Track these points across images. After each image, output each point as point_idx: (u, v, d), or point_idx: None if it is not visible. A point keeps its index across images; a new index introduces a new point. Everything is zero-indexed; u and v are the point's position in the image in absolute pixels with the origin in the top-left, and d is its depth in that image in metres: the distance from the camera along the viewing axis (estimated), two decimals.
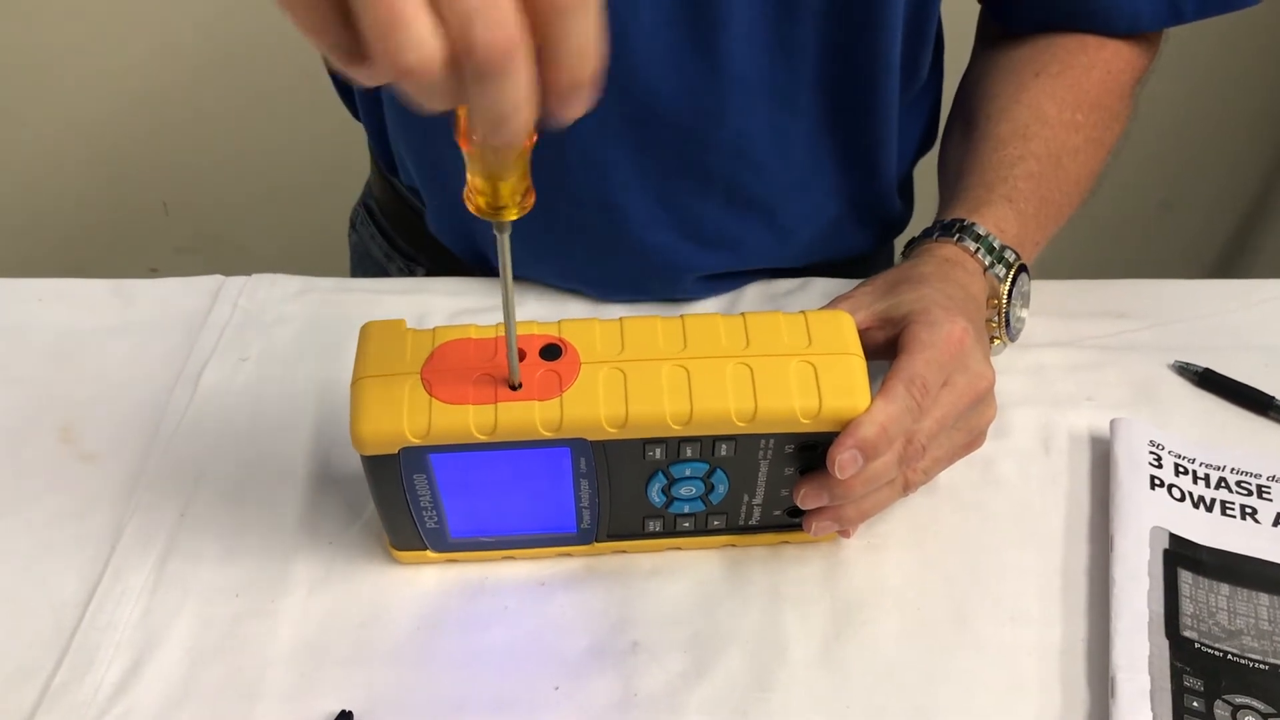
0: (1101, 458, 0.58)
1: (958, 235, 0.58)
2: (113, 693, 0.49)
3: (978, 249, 0.58)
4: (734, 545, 0.55)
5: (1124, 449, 0.57)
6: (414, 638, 0.51)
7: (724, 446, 0.48)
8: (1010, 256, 0.58)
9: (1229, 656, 0.48)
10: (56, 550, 0.55)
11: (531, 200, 0.39)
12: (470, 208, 0.40)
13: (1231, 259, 1.66)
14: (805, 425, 0.47)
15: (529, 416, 0.46)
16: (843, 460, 0.47)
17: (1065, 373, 0.63)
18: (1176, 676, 0.48)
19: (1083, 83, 0.65)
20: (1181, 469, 0.56)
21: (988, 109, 0.66)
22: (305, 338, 0.66)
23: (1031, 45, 0.67)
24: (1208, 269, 1.68)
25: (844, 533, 0.54)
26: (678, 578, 0.53)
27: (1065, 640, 0.51)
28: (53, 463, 0.59)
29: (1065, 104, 0.64)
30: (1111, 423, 0.58)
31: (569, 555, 0.54)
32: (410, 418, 0.45)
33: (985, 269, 0.58)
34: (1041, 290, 0.68)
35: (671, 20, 0.59)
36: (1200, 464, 0.56)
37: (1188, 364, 0.62)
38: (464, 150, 0.37)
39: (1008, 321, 0.59)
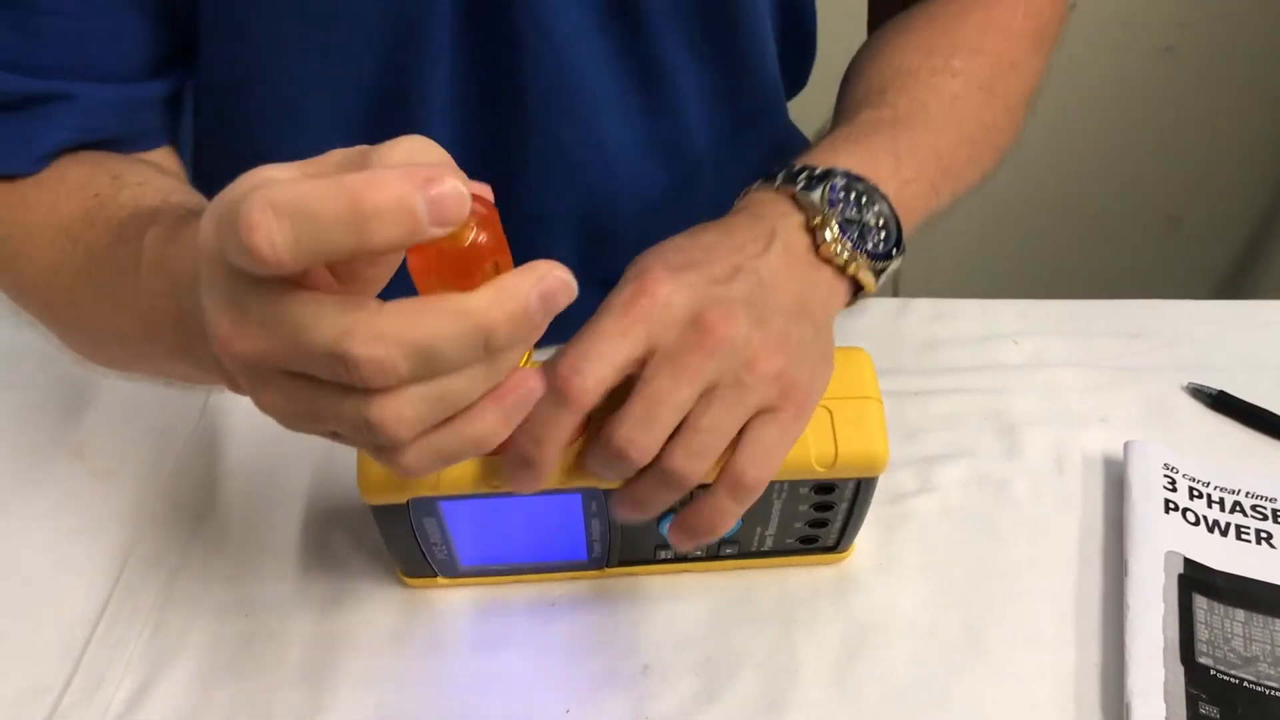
0: (1115, 480, 0.58)
1: (761, 181, 0.49)
2: (123, 711, 0.49)
3: (780, 178, 0.48)
4: (746, 568, 0.54)
5: (1138, 472, 0.56)
6: (424, 659, 0.51)
7: None
8: (823, 172, 0.47)
9: (1245, 684, 0.48)
10: (67, 567, 0.55)
11: None
12: None
13: (1242, 275, 1.65)
14: (821, 474, 0.46)
15: None
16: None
17: (1079, 393, 0.63)
18: (1192, 703, 0.47)
19: (958, 28, 0.58)
20: (1196, 493, 0.56)
21: (847, 80, 0.59)
22: None
23: (903, 11, 0.62)
24: (1217, 285, 1.67)
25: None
26: (689, 600, 0.53)
27: (1079, 665, 0.51)
28: (65, 479, 0.59)
29: (935, 52, 0.56)
30: (1125, 445, 0.58)
31: (580, 577, 0.54)
32: None
33: (794, 194, 0.47)
34: (1054, 309, 0.68)
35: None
36: (1215, 488, 0.56)
37: (1202, 386, 0.62)
38: None
39: (848, 236, 0.46)
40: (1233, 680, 0.48)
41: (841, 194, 0.47)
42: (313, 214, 0.27)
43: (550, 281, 0.31)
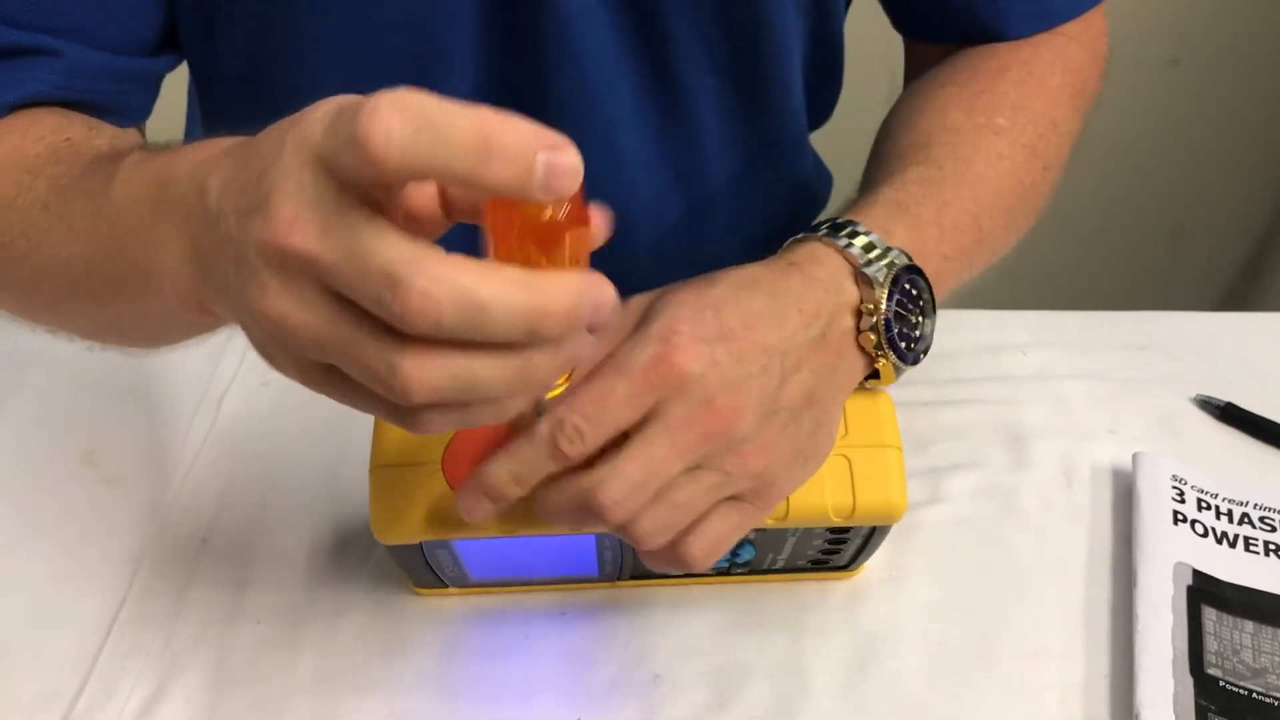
0: (1124, 491, 0.58)
1: (826, 230, 0.47)
2: (135, 718, 0.49)
3: (848, 245, 0.46)
4: (757, 582, 0.54)
5: (1147, 483, 0.57)
6: (436, 666, 0.51)
7: (752, 531, 0.47)
8: (898, 258, 0.46)
9: (1254, 695, 0.48)
10: (79, 574, 0.55)
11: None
12: None
13: (1246, 286, 1.65)
14: (837, 523, 0.46)
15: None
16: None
17: (1087, 405, 0.63)
18: (1201, 715, 0.47)
19: (998, 85, 0.58)
20: (1205, 504, 0.56)
21: (890, 131, 0.58)
22: None
23: (941, 63, 0.62)
24: (1221, 296, 1.67)
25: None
26: (700, 609, 0.53)
27: (1088, 676, 0.51)
28: (76, 487, 0.59)
29: (977, 109, 0.56)
30: (1134, 456, 0.58)
31: (591, 587, 0.54)
32: (432, 515, 0.44)
33: (856, 269, 0.46)
34: (1062, 320, 0.68)
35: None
36: (1223, 499, 0.56)
37: (1210, 398, 0.62)
38: None
39: (890, 335, 0.45)
40: (1242, 691, 0.48)
41: (908, 301, 0.46)
42: (439, 126, 0.27)
43: (602, 296, 0.30)
